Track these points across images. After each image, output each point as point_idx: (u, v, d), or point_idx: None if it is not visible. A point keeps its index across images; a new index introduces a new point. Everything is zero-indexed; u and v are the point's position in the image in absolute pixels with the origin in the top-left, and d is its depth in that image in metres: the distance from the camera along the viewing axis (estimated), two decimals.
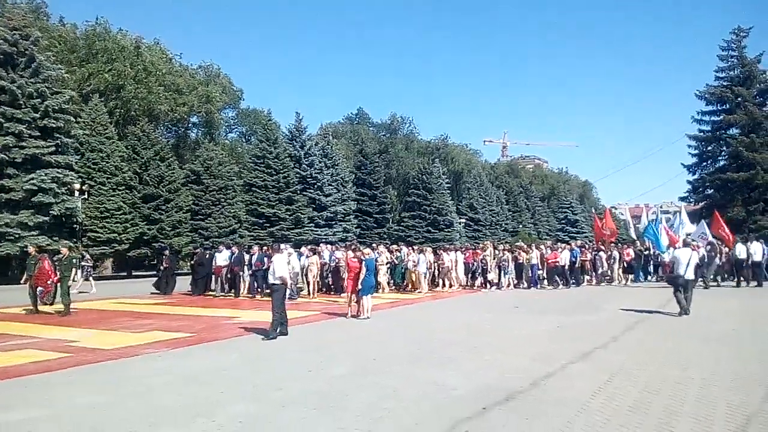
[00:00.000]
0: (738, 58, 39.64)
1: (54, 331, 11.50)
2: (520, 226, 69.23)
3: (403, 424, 5.36)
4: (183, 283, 22.22)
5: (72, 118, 33.16)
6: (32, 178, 29.10)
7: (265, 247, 21.05)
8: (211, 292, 20.30)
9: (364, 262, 13.06)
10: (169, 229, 36.59)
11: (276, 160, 43.00)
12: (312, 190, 45.39)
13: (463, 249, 24.39)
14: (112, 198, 34.63)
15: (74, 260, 15.61)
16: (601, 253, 23.56)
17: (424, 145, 76.34)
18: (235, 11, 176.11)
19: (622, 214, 33.86)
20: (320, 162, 47.51)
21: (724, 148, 39.77)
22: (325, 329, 11.86)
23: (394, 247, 23.18)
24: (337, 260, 19.12)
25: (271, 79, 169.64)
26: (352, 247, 17.88)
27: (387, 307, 15.48)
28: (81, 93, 39.55)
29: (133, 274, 38.67)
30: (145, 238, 35.78)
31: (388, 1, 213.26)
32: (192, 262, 21.75)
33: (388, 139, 74.87)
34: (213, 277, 20.47)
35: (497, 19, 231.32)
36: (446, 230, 53.42)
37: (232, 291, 19.48)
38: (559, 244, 25.02)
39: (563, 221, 73.85)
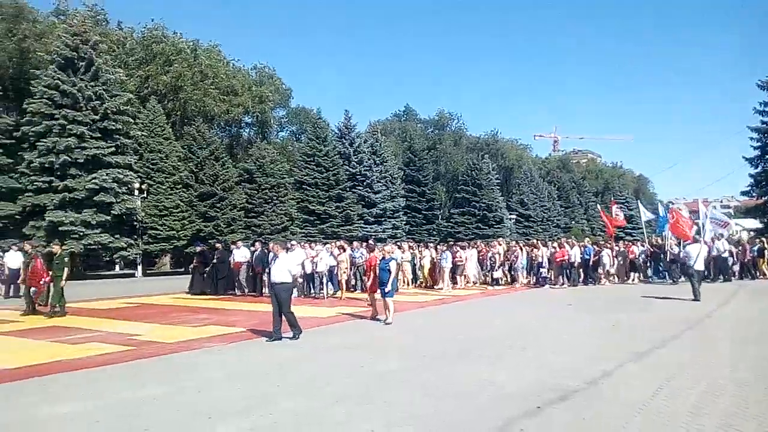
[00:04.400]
0: None
1: (118, 325, 11.98)
2: (573, 222, 67.85)
3: (456, 420, 5.35)
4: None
5: (131, 120, 34.49)
6: (94, 178, 30.35)
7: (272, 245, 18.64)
8: (231, 292, 19.15)
9: (383, 262, 12.12)
10: (224, 226, 37.55)
11: (326, 157, 43.48)
12: (361, 187, 45.70)
13: (477, 245, 24.04)
14: (170, 196, 35.90)
15: (66, 259, 14.12)
16: (607, 251, 22.68)
17: (473, 140, 75.71)
18: (281, 10, 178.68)
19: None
20: (369, 159, 47.77)
21: None
22: (362, 328, 11.64)
23: (406, 245, 22.88)
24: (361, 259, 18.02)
25: (320, 78, 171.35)
26: (369, 245, 16.67)
27: (417, 308, 14.91)
28: (139, 95, 41.03)
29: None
30: (202, 234, 36.83)
31: None
32: (213, 260, 20.15)
33: (436, 135, 74.60)
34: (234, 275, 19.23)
35: (546, 12, 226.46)
36: (496, 227, 52.87)
37: (252, 291, 18.59)
38: (570, 240, 24.03)
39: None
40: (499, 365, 7.71)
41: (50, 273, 13.73)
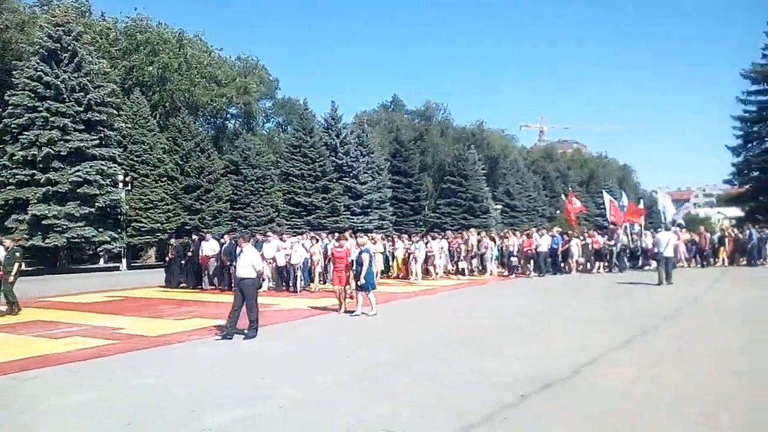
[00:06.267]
0: None
1: (100, 319, 11.92)
2: (558, 212, 68.26)
3: (442, 408, 5.40)
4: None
5: (114, 111, 34.15)
6: (77, 171, 30.11)
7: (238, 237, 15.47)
8: (200, 286, 18.54)
9: (363, 253, 11.70)
10: (210, 218, 37.35)
11: (312, 149, 43.32)
12: (348, 179, 45.62)
13: (447, 236, 23.65)
14: (155, 189, 35.63)
15: (17, 254, 13.09)
16: (576, 240, 22.90)
17: (460, 131, 75.67)
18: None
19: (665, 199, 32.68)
20: (356, 150, 47.63)
21: None
22: (343, 321, 11.43)
23: (378, 236, 22.64)
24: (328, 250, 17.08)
25: (307, 69, 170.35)
26: (336, 236, 15.94)
27: (392, 299, 14.57)
28: (123, 86, 40.54)
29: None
30: (187, 228, 36.61)
31: None
32: (188, 252, 19.33)
33: (423, 126, 74.49)
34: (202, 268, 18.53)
35: (530, 5, 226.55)
36: (482, 217, 53.07)
37: (221, 284, 17.78)
38: (542, 230, 24.12)
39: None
40: (485, 354, 7.84)
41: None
